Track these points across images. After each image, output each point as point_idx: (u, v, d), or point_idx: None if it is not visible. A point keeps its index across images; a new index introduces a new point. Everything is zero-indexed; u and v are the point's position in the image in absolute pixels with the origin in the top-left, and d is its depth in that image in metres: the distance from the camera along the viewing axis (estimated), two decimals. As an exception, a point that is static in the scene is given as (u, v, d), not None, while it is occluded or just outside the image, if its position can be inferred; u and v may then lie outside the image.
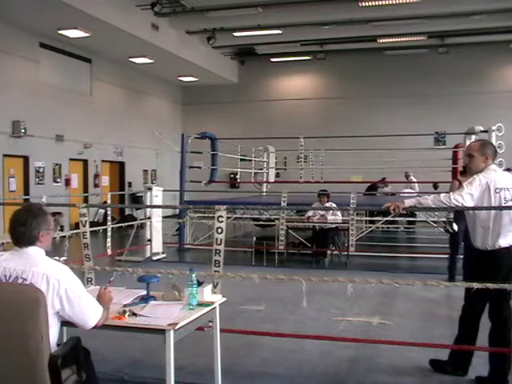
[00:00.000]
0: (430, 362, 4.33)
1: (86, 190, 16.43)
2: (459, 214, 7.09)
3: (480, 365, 4.09)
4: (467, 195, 3.77)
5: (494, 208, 3.79)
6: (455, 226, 7.62)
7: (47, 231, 2.89)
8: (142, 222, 11.13)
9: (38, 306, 2.57)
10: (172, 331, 3.02)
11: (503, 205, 3.80)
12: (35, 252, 2.84)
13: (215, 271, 4.31)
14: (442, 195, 3.84)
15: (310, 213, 10.32)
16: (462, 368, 4.17)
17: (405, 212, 4.20)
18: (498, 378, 3.93)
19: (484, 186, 3.79)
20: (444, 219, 9.99)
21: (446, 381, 4.15)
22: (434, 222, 11.46)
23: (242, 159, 15.73)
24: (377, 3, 13.50)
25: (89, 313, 2.86)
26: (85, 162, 16.58)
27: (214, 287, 4.18)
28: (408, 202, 3.97)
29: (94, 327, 2.92)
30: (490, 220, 3.85)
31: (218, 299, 3.67)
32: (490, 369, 3.98)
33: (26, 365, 2.61)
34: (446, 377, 4.18)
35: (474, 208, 3.83)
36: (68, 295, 2.76)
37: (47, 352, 2.61)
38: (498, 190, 3.79)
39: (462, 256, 7.45)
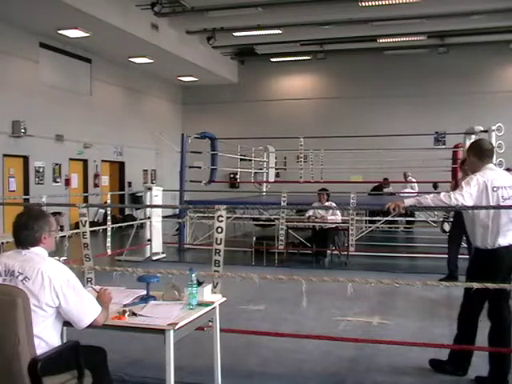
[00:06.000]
0: (430, 362, 4.33)
1: (85, 189, 16.43)
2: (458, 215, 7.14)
3: (480, 365, 4.09)
4: (467, 194, 3.78)
5: (493, 207, 3.80)
6: (446, 226, 7.67)
7: (49, 233, 2.95)
8: (141, 221, 11.13)
9: (15, 308, 2.55)
10: (172, 331, 3.02)
11: (501, 203, 3.81)
12: (38, 251, 2.89)
13: (215, 271, 4.31)
14: (442, 194, 3.84)
15: (310, 212, 10.33)
16: (461, 367, 4.17)
17: (403, 211, 4.22)
18: (497, 377, 3.93)
19: (482, 185, 3.80)
20: (441, 219, 10.02)
21: (446, 381, 4.15)
22: (434, 221, 11.48)
23: (241, 159, 15.74)
24: (377, 3, 13.49)
25: (85, 309, 2.86)
26: (85, 161, 16.58)
27: (214, 287, 4.18)
28: (408, 202, 3.99)
29: (92, 326, 2.91)
30: (488, 219, 3.85)
31: (218, 299, 3.67)
32: (489, 369, 3.98)
33: (4, 369, 2.59)
34: (446, 377, 4.18)
35: (473, 207, 3.83)
36: (63, 291, 2.77)
37: (27, 356, 2.57)
38: (495, 189, 3.81)
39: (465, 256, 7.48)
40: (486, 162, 3.94)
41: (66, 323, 2.93)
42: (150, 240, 10.12)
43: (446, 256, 7.83)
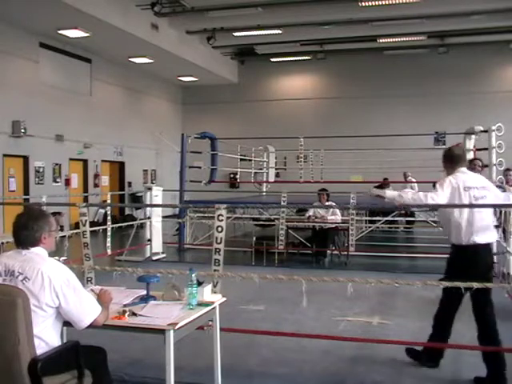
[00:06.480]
0: (406, 351, 4.45)
1: (85, 189, 16.44)
2: None
3: (479, 365, 4.09)
4: (441, 194, 4.07)
5: (464, 206, 4.06)
6: None
7: (49, 233, 2.95)
8: (141, 221, 11.12)
9: (15, 308, 2.55)
10: (172, 331, 3.02)
11: (473, 201, 4.07)
12: (38, 251, 2.89)
13: (215, 270, 4.31)
14: (421, 193, 4.16)
15: (310, 212, 10.33)
16: (434, 359, 4.32)
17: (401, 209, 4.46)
18: (496, 377, 3.99)
19: (454, 185, 4.10)
20: None
21: (444, 381, 4.16)
22: (434, 221, 11.46)
23: (241, 159, 15.74)
24: (377, 3, 13.50)
25: (85, 309, 2.86)
26: (85, 161, 16.58)
27: (214, 286, 4.18)
28: (389, 195, 4.26)
29: (92, 326, 2.91)
30: (461, 217, 4.05)
31: (218, 299, 3.67)
32: (487, 369, 4.03)
33: (4, 369, 2.59)
34: (446, 377, 4.20)
35: (445, 206, 4.12)
36: (63, 291, 2.77)
37: (27, 356, 2.58)
38: (466, 189, 4.10)
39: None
40: (457, 166, 4.28)
41: (66, 323, 2.93)
42: (150, 240, 10.12)
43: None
